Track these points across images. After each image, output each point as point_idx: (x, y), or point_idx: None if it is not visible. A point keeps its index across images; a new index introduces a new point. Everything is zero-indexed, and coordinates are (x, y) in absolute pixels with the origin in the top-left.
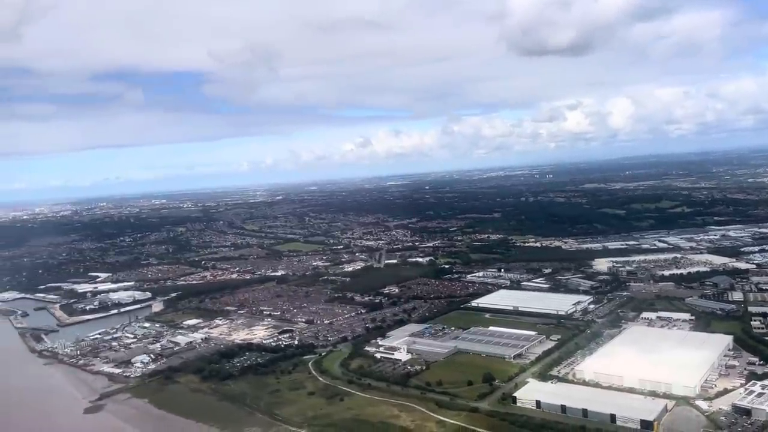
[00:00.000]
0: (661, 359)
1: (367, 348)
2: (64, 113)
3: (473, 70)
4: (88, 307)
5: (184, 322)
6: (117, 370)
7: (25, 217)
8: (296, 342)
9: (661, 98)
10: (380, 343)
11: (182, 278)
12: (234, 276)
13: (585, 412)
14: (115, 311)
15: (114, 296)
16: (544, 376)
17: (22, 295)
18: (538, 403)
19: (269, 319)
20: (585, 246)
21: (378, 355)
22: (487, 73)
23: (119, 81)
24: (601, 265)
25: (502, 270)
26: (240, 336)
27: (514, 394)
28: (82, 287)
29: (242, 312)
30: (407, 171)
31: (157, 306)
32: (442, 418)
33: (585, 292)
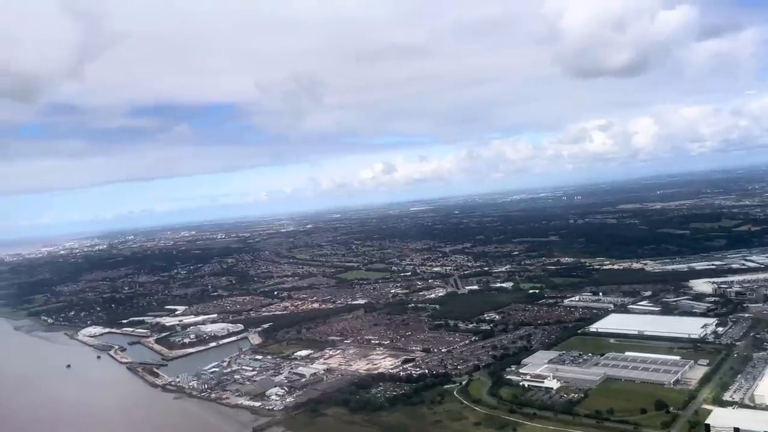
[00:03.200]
0: None
1: (509, 376)
2: (96, 148)
3: (505, 94)
4: (186, 341)
5: (295, 353)
6: (255, 403)
7: (62, 252)
8: (426, 371)
9: (687, 117)
10: (522, 371)
11: (263, 309)
12: (316, 305)
13: None
14: (213, 344)
15: (207, 329)
16: (719, 402)
17: (107, 329)
18: (736, 430)
19: (381, 348)
20: (670, 267)
21: (524, 384)
22: (517, 97)
23: (152, 115)
24: (701, 286)
25: (601, 294)
26: (361, 366)
27: (707, 422)
28: (166, 320)
29: (348, 341)
30: (425, 196)
31: (254, 338)
32: None
33: (702, 315)
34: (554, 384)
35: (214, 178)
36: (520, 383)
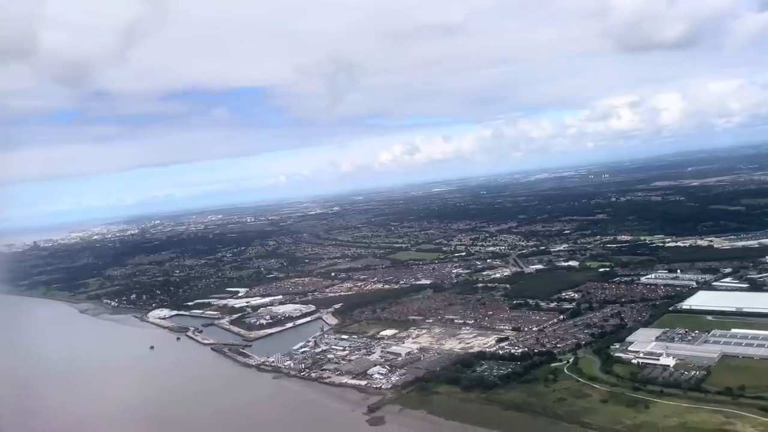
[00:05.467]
0: None
1: (617, 354)
2: (125, 134)
3: (535, 72)
4: (262, 322)
5: (380, 333)
6: (360, 382)
7: (95, 237)
8: (526, 350)
9: (715, 91)
10: (630, 349)
11: (327, 290)
12: (379, 286)
13: None
14: (290, 324)
15: (279, 310)
16: None
17: (175, 312)
18: None
19: (467, 328)
20: (740, 244)
21: (637, 361)
22: (548, 74)
23: (184, 100)
24: None
25: (678, 271)
26: (455, 345)
27: None
28: (233, 302)
29: (430, 321)
30: (445, 177)
31: (329, 318)
32: None
33: None
34: (670, 361)
35: (234, 163)
36: (632, 360)
